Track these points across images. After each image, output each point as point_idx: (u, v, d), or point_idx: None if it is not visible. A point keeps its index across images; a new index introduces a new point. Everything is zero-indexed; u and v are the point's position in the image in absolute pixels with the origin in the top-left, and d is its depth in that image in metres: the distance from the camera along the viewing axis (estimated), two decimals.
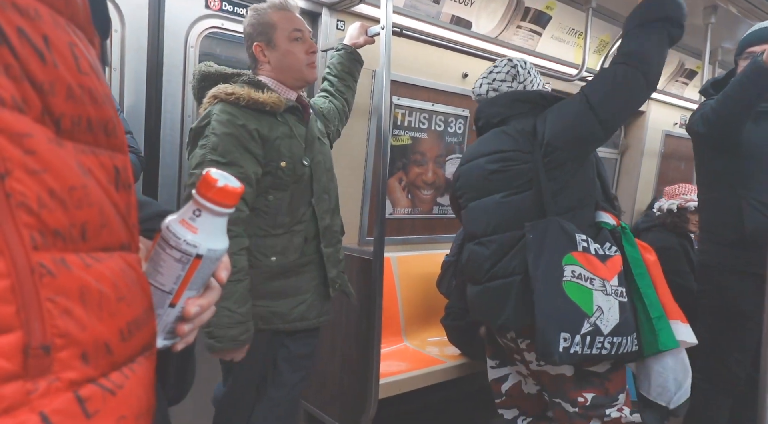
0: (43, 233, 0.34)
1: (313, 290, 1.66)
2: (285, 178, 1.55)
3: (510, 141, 1.75)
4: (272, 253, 1.55)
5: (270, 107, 1.52)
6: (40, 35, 0.35)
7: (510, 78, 1.88)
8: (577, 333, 1.53)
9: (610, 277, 1.62)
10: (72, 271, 0.36)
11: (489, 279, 1.74)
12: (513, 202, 1.72)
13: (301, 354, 1.68)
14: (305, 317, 1.64)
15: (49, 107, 0.36)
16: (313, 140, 1.65)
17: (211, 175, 0.51)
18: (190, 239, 0.51)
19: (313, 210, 1.63)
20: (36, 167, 0.34)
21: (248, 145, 1.48)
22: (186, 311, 0.53)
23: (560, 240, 1.61)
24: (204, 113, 1.52)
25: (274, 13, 1.60)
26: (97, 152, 0.41)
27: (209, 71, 1.60)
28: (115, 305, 0.39)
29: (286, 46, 1.60)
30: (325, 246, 1.67)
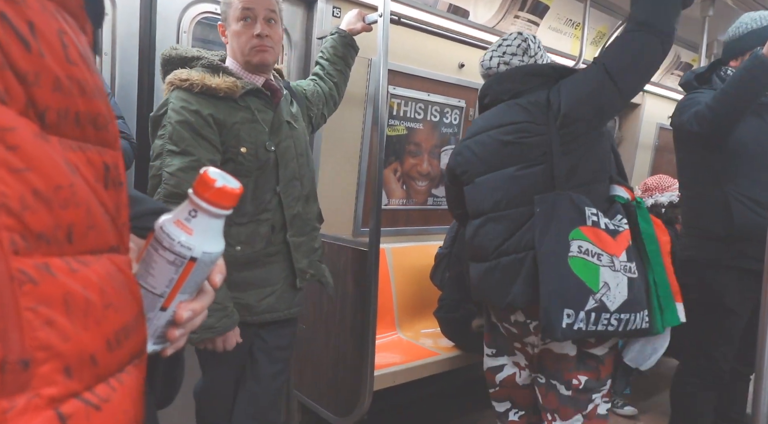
0: (25, 236, 0.32)
1: (283, 281, 1.61)
2: (247, 164, 1.50)
3: (524, 112, 1.70)
4: (237, 242, 1.50)
5: (224, 93, 1.46)
6: (25, 21, 0.32)
7: (521, 52, 1.81)
8: (581, 309, 1.50)
9: (619, 252, 1.59)
10: (56, 277, 0.33)
11: (498, 255, 1.68)
12: (527, 176, 1.66)
13: (277, 345, 1.65)
14: (274, 309, 1.60)
15: (33, 99, 0.33)
16: (280, 124, 1.59)
17: (209, 174, 0.49)
18: (184, 240, 0.48)
19: (279, 198, 1.57)
20: (19, 165, 0.31)
21: (203, 132, 1.44)
22: (178, 316, 0.51)
23: (568, 214, 1.57)
24: (162, 101, 1.48)
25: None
26: (85, 148, 0.38)
27: (171, 55, 1.54)
28: (102, 313, 0.37)
29: (235, 26, 1.53)
30: (293, 235, 1.61)
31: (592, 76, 1.62)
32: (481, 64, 1.88)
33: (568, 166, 1.62)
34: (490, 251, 1.70)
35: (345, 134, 2.53)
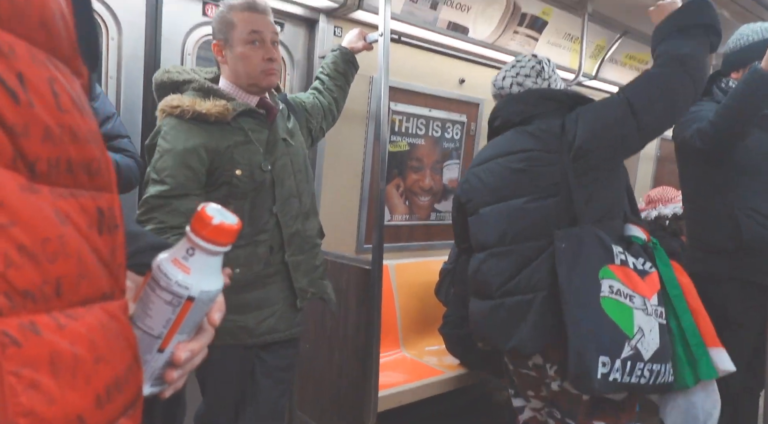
0: (10, 295, 0.31)
1: (282, 302, 1.59)
2: (242, 186, 1.48)
3: (535, 140, 1.61)
4: (235, 265, 1.48)
5: (215, 118, 1.44)
6: (14, 73, 0.32)
7: (535, 74, 1.73)
8: (617, 357, 1.36)
9: (650, 295, 1.46)
10: (42, 336, 0.32)
11: (503, 294, 1.56)
12: (537, 209, 1.55)
13: (279, 366, 1.64)
14: (275, 329, 1.58)
15: (21, 151, 0.33)
16: (275, 143, 1.57)
17: (206, 212, 0.48)
18: (181, 279, 0.47)
19: (277, 218, 1.55)
20: (2, 221, 0.31)
21: (188, 161, 1.42)
22: (175, 357, 0.50)
23: (597, 251, 1.46)
24: (155, 129, 1.47)
25: (238, 12, 1.51)
26: (77, 194, 0.38)
27: (163, 80, 1.53)
28: (91, 368, 0.36)
29: (242, 48, 1.50)
30: (291, 255, 1.58)
31: (613, 107, 1.54)
32: (494, 83, 1.82)
33: (584, 200, 1.53)
34: (494, 288, 1.59)
35: (347, 151, 2.54)
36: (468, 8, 2.60)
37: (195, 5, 2.09)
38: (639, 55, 3.60)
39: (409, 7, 2.42)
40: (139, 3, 1.95)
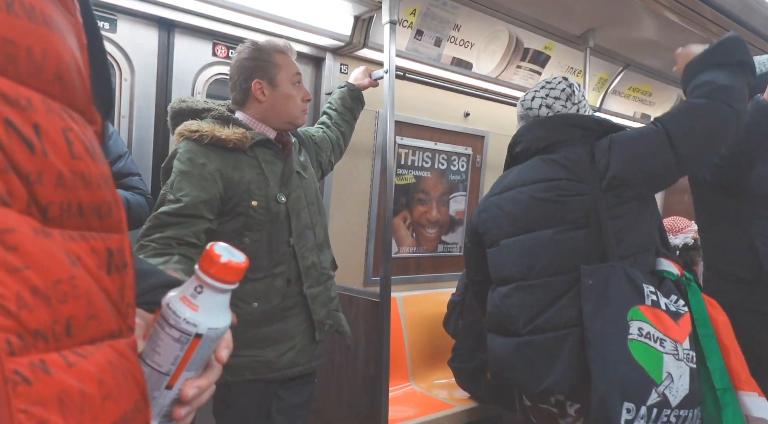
0: (22, 335, 0.32)
1: (302, 334, 1.58)
2: (258, 217, 1.49)
3: (563, 169, 1.53)
4: (253, 299, 1.48)
5: (233, 144, 1.47)
6: (30, 124, 0.35)
7: (565, 97, 1.64)
8: (642, 404, 1.29)
9: (683, 338, 1.38)
10: (51, 375, 0.34)
11: (532, 332, 1.47)
12: (567, 240, 1.47)
13: (295, 404, 1.62)
14: (296, 363, 1.56)
15: (35, 197, 0.35)
16: (290, 175, 1.59)
17: (214, 250, 0.49)
18: (190, 317, 0.48)
19: (294, 250, 1.55)
20: (17, 264, 0.32)
21: (204, 184, 1.43)
22: (183, 394, 0.50)
23: (625, 290, 1.38)
24: (171, 152, 1.49)
25: (278, 54, 1.59)
26: (88, 237, 0.39)
27: (181, 107, 1.56)
28: (99, 406, 0.37)
29: (288, 89, 1.58)
30: (309, 286, 1.58)
31: (650, 137, 1.47)
32: (521, 103, 1.73)
33: (615, 233, 1.46)
34: (521, 324, 1.49)
35: (354, 184, 2.57)
36: (471, 45, 2.66)
37: (205, 45, 2.16)
38: (642, 87, 3.65)
39: (413, 45, 2.49)
40: (151, 44, 2.03)
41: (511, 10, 2.58)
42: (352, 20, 2.29)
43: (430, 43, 2.54)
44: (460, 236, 3.07)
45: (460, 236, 3.07)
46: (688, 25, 2.59)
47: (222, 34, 2.14)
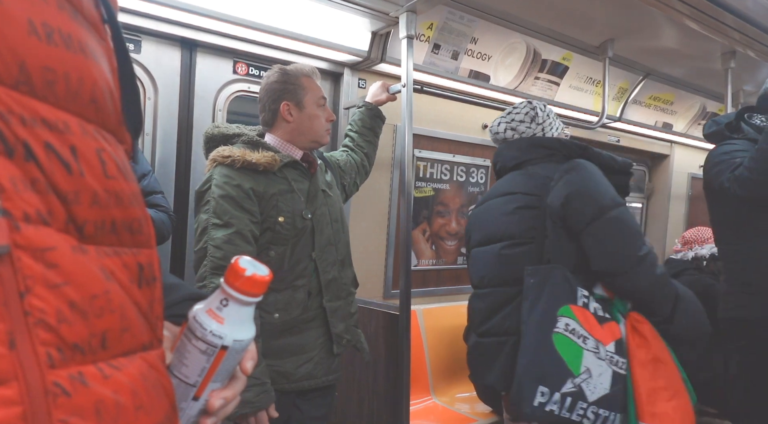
0: (61, 348, 0.34)
1: (320, 347, 1.62)
2: (284, 232, 1.56)
3: (524, 184, 1.68)
4: (274, 309, 1.53)
5: (263, 167, 1.55)
6: (67, 147, 0.37)
7: (529, 119, 1.79)
8: (557, 390, 1.40)
9: (607, 341, 1.47)
10: (88, 387, 0.35)
11: (481, 335, 1.66)
12: (512, 256, 1.62)
13: (314, 416, 1.64)
14: (312, 376, 1.60)
15: (73, 216, 0.37)
16: (316, 193, 1.66)
17: (239, 264, 0.51)
18: (215, 329, 0.49)
19: (315, 264, 1.61)
20: (57, 281, 0.34)
21: (244, 205, 1.51)
22: (210, 405, 0.51)
23: (561, 289, 1.49)
24: (206, 177, 1.56)
25: (305, 78, 1.68)
26: (120, 252, 0.41)
27: (213, 133, 1.65)
28: (132, 416, 0.38)
29: (314, 110, 1.67)
30: (329, 300, 1.64)
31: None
32: (490, 129, 1.90)
33: (556, 250, 1.56)
34: (475, 326, 1.69)
35: (373, 198, 2.59)
36: (488, 57, 2.67)
37: (226, 64, 2.21)
38: (663, 95, 3.61)
39: (430, 58, 2.51)
40: (174, 64, 2.08)
41: (528, 22, 2.58)
42: (370, 36, 2.32)
43: (447, 56, 2.55)
44: None
45: None
46: (709, 33, 2.55)
47: (242, 52, 2.19)
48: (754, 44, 2.70)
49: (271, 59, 2.25)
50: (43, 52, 0.36)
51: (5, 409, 0.31)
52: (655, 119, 3.75)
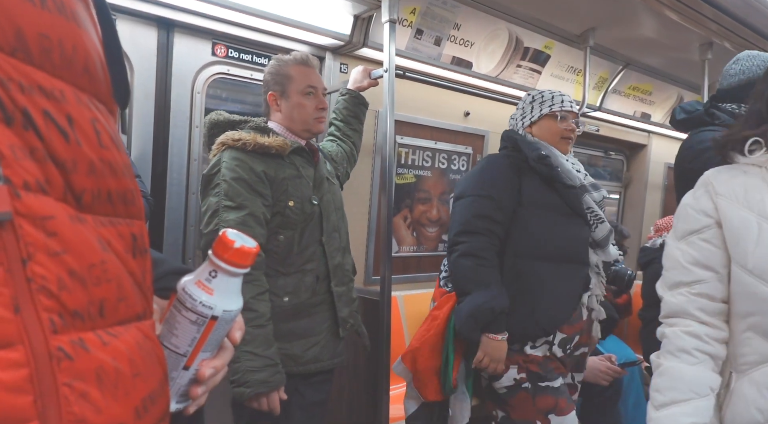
0: (62, 315, 0.34)
1: (326, 331, 1.66)
2: (294, 217, 1.58)
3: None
4: (284, 293, 1.56)
5: (275, 150, 1.58)
6: (64, 115, 0.36)
7: (519, 110, 1.98)
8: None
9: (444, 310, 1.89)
10: (89, 352, 0.36)
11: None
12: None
13: (315, 401, 1.66)
14: (319, 359, 1.63)
15: (71, 185, 0.36)
16: (321, 180, 1.70)
17: (227, 236, 0.51)
18: (205, 300, 0.50)
19: (323, 249, 1.64)
20: (57, 249, 0.34)
21: (257, 188, 1.52)
22: (200, 374, 0.52)
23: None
24: (214, 160, 1.57)
25: (294, 66, 1.69)
26: (115, 223, 0.41)
27: (218, 119, 1.66)
28: (130, 383, 0.39)
29: (298, 98, 1.68)
30: (336, 285, 1.67)
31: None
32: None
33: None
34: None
35: (354, 183, 2.57)
36: (471, 44, 2.66)
37: (204, 45, 2.16)
38: (642, 85, 3.65)
39: (413, 44, 2.49)
40: (150, 44, 2.03)
41: (511, 9, 2.58)
42: (352, 19, 2.29)
43: (430, 42, 2.54)
44: None
45: None
46: (688, 24, 2.59)
47: (221, 33, 2.14)
48: (731, 36, 2.75)
49: (251, 42, 2.21)
50: (38, 18, 0.35)
51: (12, 371, 0.31)
52: (634, 109, 3.80)
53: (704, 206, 1.09)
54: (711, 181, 1.11)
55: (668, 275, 1.13)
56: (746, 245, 0.99)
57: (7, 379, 0.31)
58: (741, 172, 1.09)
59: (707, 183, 1.11)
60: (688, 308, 1.07)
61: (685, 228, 1.12)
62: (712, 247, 1.07)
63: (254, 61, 2.25)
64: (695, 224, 1.09)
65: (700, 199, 1.10)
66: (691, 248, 1.09)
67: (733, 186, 1.06)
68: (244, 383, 1.41)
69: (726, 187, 1.07)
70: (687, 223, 1.11)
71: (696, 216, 1.10)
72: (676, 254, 1.11)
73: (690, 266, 1.09)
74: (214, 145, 1.60)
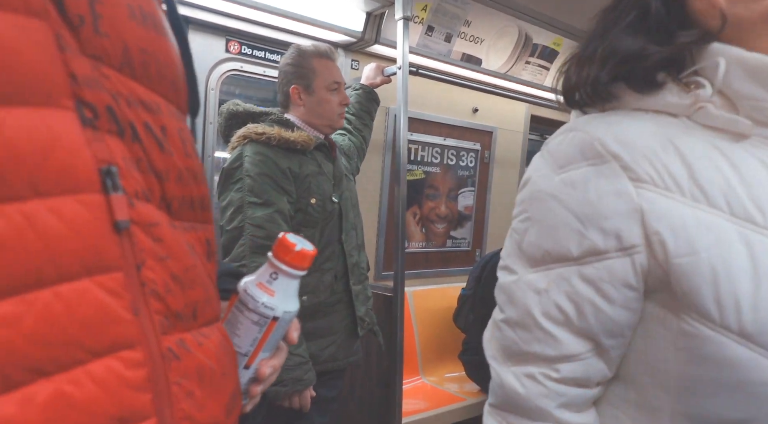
0: (168, 316, 0.36)
1: (343, 330, 1.66)
2: (315, 215, 1.57)
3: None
4: (303, 292, 1.55)
5: (300, 146, 1.55)
6: (159, 127, 0.38)
7: None
8: None
9: None
10: (191, 352, 0.38)
11: None
12: None
13: (328, 397, 1.67)
14: (335, 358, 1.64)
15: (165, 193, 0.38)
16: (341, 177, 1.68)
17: (288, 239, 0.53)
18: (267, 301, 0.52)
19: (342, 247, 1.63)
20: (162, 254, 0.36)
21: (282, 184, 1.50)
22: (261, 373, 0.54)
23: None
24: (235, 154, 1.52)
25: (317, 59, 1.64)
26: (196, 228, 0.43)
27: (237, 110, 1.62)
28: (221, 381, 0.41)
29: (324, 94, 1.64)
30: (354, 283, 1.67)
31: None
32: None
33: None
34: None
35: (364, 180, 2.58)
36: (481, 40, 2.67)
37: (218, 42, 2.16)
38: None
39: (424, 41, 2.49)
40: None
41: (521, 6, 2.58)
42: (364, 16, 2.30)
43: (440, 39, 2.54)
44: (468, 231, 3.09)
45: (469, 231, 3.09)
46: None
47: (235, 30, 2.14)
48: None
49: (265, 38, 2.21)
50: (139, 34, 0.37)
51: (135, 370, 0.33)
52: None
53: (616, 205, 0.54)
54: (607, 143, 0.56)
55: (507, 335, 0.61)
56: (731, 283, 0.49)
57: (131, 377, 0.32)
58: (652, 125, 0.57)
59: (603, 148, 0.55)
60: (548, 405, 0.58)
61: (556, 247, 0.57)
62: (620, 293, 0.55)
63: (267, 58, 2.26)
64: (586, 243, 0.55)
65: (606, 185, 0.55)
66: (562, 289, 0.57)
67: (661, 158, 0.54)
68: (279, 382, 1.40)
69: (646, 163, 0.54)
70: (563, 236, 0.57)
71: (588, 225, 0.55)
72: (528, 299, 0.59)
73: (554, 328, 0.57)
74: (234, 137, 1.56)
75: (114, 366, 0.32)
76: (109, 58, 0.35)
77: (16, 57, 0.28)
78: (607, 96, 0.61)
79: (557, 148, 0.61)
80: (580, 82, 0.64)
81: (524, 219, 0.61)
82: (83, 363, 0.31)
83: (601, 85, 0.61)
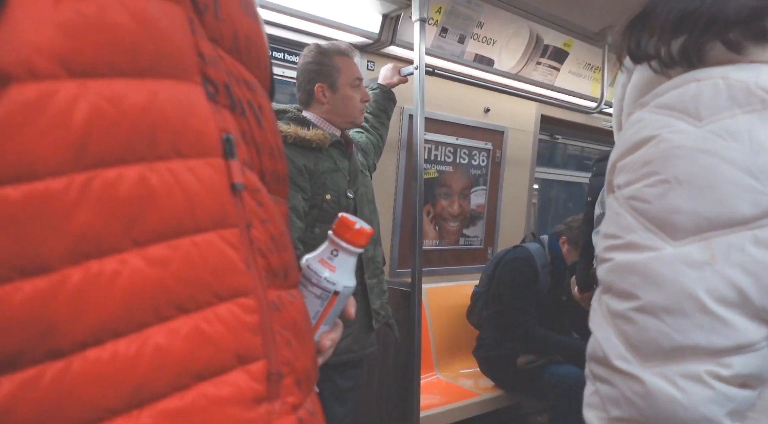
0: (269, 273, 0.40)
1: (358, 322, 1.69)
2: (330, 210, 1.61)
3: None
4: None
5: (316, 144, 1.60)
6: (257, 105, 0.43)
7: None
8: None
9: None
10: (287, 306, 0.42)
11: None
12: None
13: (346, 388, 1.71)
14: (351, 350, 1.67)
15: (261, 165, 0.43)
16: (356, 173, 1.72)
17: (348, 218, 0.56)
18: (329, 276, 0.54)
19: None
20: (264, 217, 0.41)
21: (297, 181, 1.55)
22: (322, 345, 0.57)
23: None
24: None
25: (339, 57, 1.70)
26: (278, 200, 0.47)
27: None
28: (308, 338, 0.45)
29: (348, 91, 1.70)
30: (368, 277, 1.71)
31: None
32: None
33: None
34: None
35: (379, 178, 2.62)
36: (493, 41, 2.72)
37: None
38: None
39: (438, 42, 2.54)
40: None
41: (532, 7, 2.63)
42: (381, 18, 2.35)
43: (454, 40, 2.59)
44: (480, 230, 3.13)
45: (481, 229, 3.13)
46: None
47: None
48: None
49: (283, 40, 2.26)
50: (245, 22, 0.41)
51: (249, 315, 0.37)
52: None
53: None
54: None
55: (647, 325, 0.48)
56: None
57: (248, 321, 0.37)
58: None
59: (765, 92, 0.48)
60: (716, 414, 0.46)
61: (720, 209, 0.47)
62: None
63: (286, 59, 2.31)
64: (763, 200, 0.46)
65: None
66: (734, 260, 0.46)
67: None
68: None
69: None
70: (729, 195, 0.47)
71: (765, 178, 0.46)
72: (683, 276, 0.47)
73: (724, 310, 0.46)
74: None
75: (234, 310, 0.36)
76: (223, 42, 0.39)
77: (166, 37, 0.33)
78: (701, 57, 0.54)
79: (683, 99, 0.51)
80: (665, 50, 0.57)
81: (657, 182, 0.49)
82: (212, 305, 0.35)
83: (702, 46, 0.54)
